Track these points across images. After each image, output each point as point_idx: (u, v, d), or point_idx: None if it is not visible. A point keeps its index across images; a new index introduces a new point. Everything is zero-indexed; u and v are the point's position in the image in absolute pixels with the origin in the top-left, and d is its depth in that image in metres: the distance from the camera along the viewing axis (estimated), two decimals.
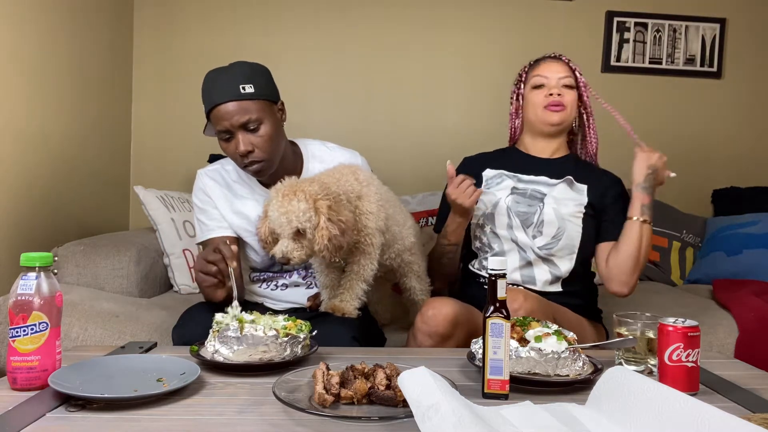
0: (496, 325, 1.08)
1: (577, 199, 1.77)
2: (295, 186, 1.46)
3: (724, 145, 3.11)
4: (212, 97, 1.57)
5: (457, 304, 1.59)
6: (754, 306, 2.12)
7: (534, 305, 1.48)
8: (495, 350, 1.07)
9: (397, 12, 2.98)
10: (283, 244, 1.46)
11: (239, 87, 1.55)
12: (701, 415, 0.83)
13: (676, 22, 3.04)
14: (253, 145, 1.58)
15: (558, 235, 1.73)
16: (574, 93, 1.80)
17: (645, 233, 1.68)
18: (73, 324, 1.83)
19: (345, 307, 1.58)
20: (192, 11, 2.90)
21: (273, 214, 1.45)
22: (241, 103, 1.55)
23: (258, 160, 1.60)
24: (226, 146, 1.61)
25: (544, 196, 1.76)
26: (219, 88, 1.57)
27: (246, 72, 1.59)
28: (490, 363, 1.08)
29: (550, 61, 1.82)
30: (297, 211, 1.42)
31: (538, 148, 1.85)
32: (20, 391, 1.07)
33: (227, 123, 1.55)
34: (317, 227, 1.44)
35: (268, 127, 1.59)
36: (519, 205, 1.77)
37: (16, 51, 2.02)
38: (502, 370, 1.07)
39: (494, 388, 1.08)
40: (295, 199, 1.43)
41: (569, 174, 1.80)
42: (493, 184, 1.82)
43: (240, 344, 1.19)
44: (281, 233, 1.46)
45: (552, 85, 1.78)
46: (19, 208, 2.06)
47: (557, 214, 1.73)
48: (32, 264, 1.08)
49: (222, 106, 1.55)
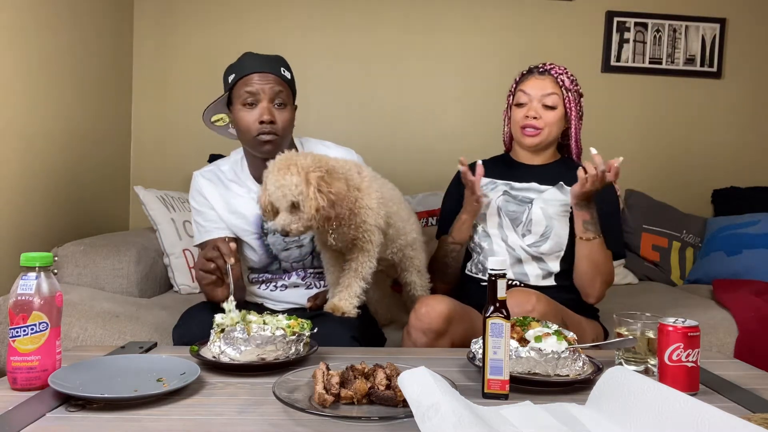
0: (496, 325, 1.08)
1: (564, 200, 1.77)
2: (290, 160, 1.50)
3: (724, 145, 3.11)
4: (249, 67, 1.64)
5: (452, 302, 1.60)
6: (754, 306, 2.12)
7: (546, 307, 1.50)
8: (495, 350, 1.08)
9: (397, 12, 2.97)
10: (281, 217, 1.50)
11: (280, 68, 1.67)
12: (701, 415, 0.83)
13: (676, 22, 3.04)
14: (275, 118, 1.63)
15: (546, 233, 1.75)
16: (556, 112, 1.77)
17: (594, 248, 1.68)
18: (73, 324, 1.83)
19: (344, 306, 1.59)
20: (192, 11, 2.90)
21: (270, 187, 1.49)
22: (279, 80, 1.64)
23: (276, 134, 1.64)
24: (246, 113, 1.63)
25: (533, 200, 1.79)
26: (260, 61, 1.65)
27: (285, 63, 1.71)
28: (490, 363, 1.08)
29: (537, 76, 1.81)
30: (290, 185, 1.46)
31: (526, 157, 1.87)
32: (20, 391, 1.07)
33: (260, 87, 1.61)
34: (305, 197, 1.47)
35: (290, 111, 1.68)
36: (509, 204, 1.80)
37: (16, 51, 2.02)
38: (502, 370, 1.07)
39: (494, 388, 1.08)
40: (288, 173, 1.46)
41: (560, 179, 1.80)
42: (486, 190, 1.84)
43: (248, 345, 1.19)
44: (279, 207, 1.50)
45: (533, 106, 1.77)
46: (19, 208, 2.06)
47: (545, 213, 1.76)
48: (32, 264, 1.08)
49: (260, 74, 1.62)
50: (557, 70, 1.81)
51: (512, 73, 1.93)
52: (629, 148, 3.01)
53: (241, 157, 1.78)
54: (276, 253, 1.76)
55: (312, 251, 1.77)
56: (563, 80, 1.79)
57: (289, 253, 1.76)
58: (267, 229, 1.73)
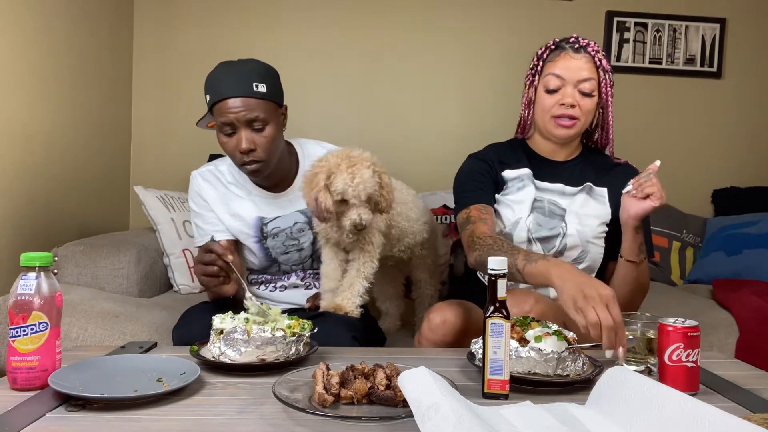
0: (496, 325, 1.08)
1: (599, 214, 1.60)
2: (354, 157, 1.53)
3: (724, 145, 3.11)
4: (221, 89, 1.55)
5: (467, 312, 1.51)
6: (754, 306, 2.12)
7: (545, 308, 1.44)
8: (495, 350, 1.07)
9: (397, 12, 2.97)
10: (359, 209, 1.53)
11: (252, 84, 1.55)
12: (701, 415, 0.83)
13: (676, 22, 3.04)
14: (255, 144, 1.57)
15: (580, 258, 1.59)
16: (594, 99, 1.55)
17: (643, 269, 1.54)
18: (73, 324, 1.83)
19: (347, 306, 1.59)
20: (192, 11, 2.90)
21: (343, 186, 1.50)
22: (251, 101, 1.55)
23: (258, 160, 1.59)
24: (227, 141, 1.59)
25: (564, 213, 1.59)
26: (231, 81, 1.55)
27: (260, 71, 1.59)
28: (490, 363, 1.08)
29: (571, 54, 1.54)
30: (368, 179, 1.50)
31: (548, 150, 1.66)
32: (20, 391, 1.07)
33: (233, 117, 1.54)
34: (384, 186, 1.55)
35: (272, 129, 1.59)
36: (541, 228, 1.58)
37: (16, 50, 2.02)
38: (502, 370, 1.07)
39: (494, 388, 1.08)
40: (362, 167, 1.51)
41: (587, 179, 1.63)
42: (514, 189, 1.63)
43: (248, 346, 1.19)
44: (354, 201, 1.52)
45: (568, 92, 1.53)
46: (19, 208, 2.06)
47: (581, 236, 1.57)
48: (32, 264, 1.08)
49: (231, 100, 1.54)
50: (593, 47, 1.55)
51: (512, 73, 1.91)
52: (629, 148, 3.01)
53: None
54: (275, 256, 1.75)
55: (311, 254, 1.77)
56: (600, 59, 1.55)
57: (288, 256, 1.76)
58: (268, 232, 1.72)
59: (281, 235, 1.72)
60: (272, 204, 1.72)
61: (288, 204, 1.73)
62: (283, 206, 1.73)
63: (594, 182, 1.63)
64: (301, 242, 1.74)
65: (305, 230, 1.73)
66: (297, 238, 1.73)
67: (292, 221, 1.73)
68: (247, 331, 1.20)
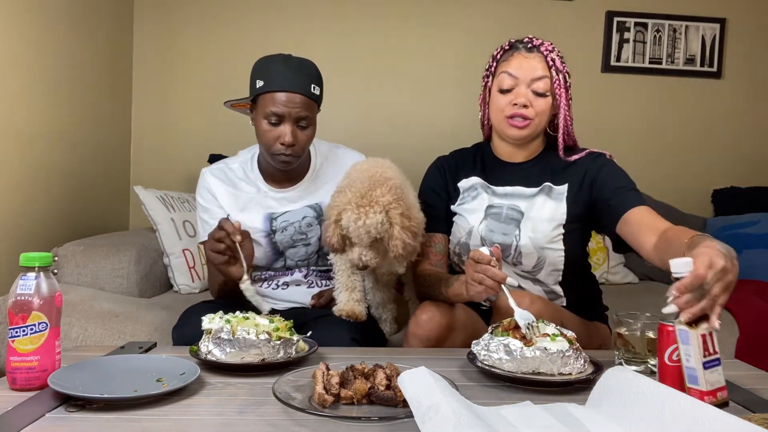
0: (683, 333, 1.02)
1: (554, 216, 1.55)
2: (369, 197, 1.48)
3: (724, 145, 3.11)
4: (282, 81, 1.59)
5: (453, 309, 1.53)
6: (754, 306, 2.12)
7: (541, 308, 1.42)
8: (687, 357, 1.01)
9: (397, 12, 2.98)
10: (361, 251, 1.50)
11: (311, 85, 1.62)
12: (701, 415, 0.83)
13: (676, 22, 3.04)
14: (297, 140, 1.62)
15: (539, 264, 1.56)
16: (548, 99, 1.53)
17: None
18: (73, 324, 1.83)
19: (357, 310, 1.62)
20: (192, 11, 2.90)
21: (349, 225, 1.48)
22: (307, 100, 1.61)
23: (294, 155, 1.64)
24: (269, 129, 1.61)
25: (521, 218, 1.56)
26: (294, 76, 1.60)
27: (317, 74, 1.67)
28: (686, 372, 1.02)
29: (524, 54, 1.53)
30: (375, 223, 1.46)
31: (507, 152, 1.63)
32: (20, 391, 1.07)
33: (287, 110, 1.58)
34: (391, 237, 1.48)
35: (312, 129, 1.66)
36: (493, 234, 1.57)
37: (16, 51, 2.02)
38: (698, 379, 1.00)
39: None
40: (371, 211, 1.46)
41: (546, 178, 1.59)
42: (468, 198, 1.64)
43: (232, 347, 1.19)
44: (359, 243, 1.50)
45: (521, 91, 1.51)
46: (19, 208, 2.06)
47: (535, 243, 1.53)
48: (32, 264, 1.08)
49: (289, 94, 1.58)
50: (547, 46, 1.54)
51: None
52: (629, 148, 3.01)
53: (252, 156, 1.79)
54: (283, 249, 1.76)
55: (318, 250, 1.78)
56: (554, 59, 1.53)
57: (296, 250, 1.76)
58: (277, 227, 1.73)
59: (290, 229, 1.73)
60: (282, 199, 1.75)
61: (297, 198, 1.75)
62: (292, 201, 1.75)
63: (553, 181, 1.59)
64: (308, 237, 1.75)
65: (314, 225, 1.74)
66: (305, 232, 1.74)
67: (301, 215, 1.74)
68: (232, 331, 1.20)
